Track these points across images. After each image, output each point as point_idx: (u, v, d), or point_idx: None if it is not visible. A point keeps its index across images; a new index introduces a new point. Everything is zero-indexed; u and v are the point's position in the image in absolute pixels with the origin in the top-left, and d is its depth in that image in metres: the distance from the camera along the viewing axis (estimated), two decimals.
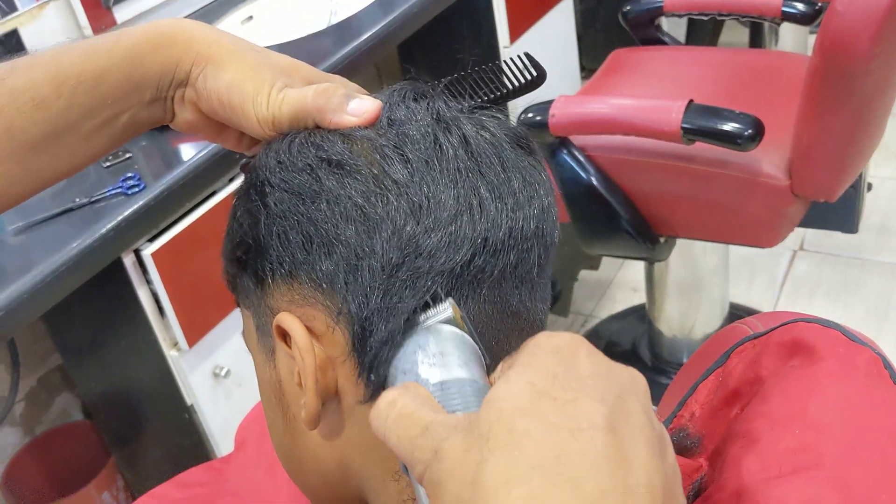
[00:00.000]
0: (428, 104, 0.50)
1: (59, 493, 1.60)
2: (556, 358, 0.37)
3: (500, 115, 0.52)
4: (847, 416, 0.49)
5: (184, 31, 0.53)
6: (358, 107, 0.50)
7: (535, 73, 0.56)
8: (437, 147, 0.47)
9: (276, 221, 0.48)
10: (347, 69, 1.51)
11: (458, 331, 0.44)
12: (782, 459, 0.47)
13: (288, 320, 0.47)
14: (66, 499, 1.58)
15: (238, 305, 0.55)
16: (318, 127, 0.51)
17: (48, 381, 1.72)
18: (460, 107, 0.51)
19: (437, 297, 0.46)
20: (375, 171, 0.47)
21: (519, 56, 0.56)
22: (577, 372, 0.36)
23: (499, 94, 0.55)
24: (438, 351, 0.43)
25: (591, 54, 2.60)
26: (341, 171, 0.47)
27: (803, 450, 0.47)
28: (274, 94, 0.51)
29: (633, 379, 0.38)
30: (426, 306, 0.45)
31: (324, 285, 0.47)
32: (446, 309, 0.45)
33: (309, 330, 0.47)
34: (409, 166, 0.47)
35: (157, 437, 1.53)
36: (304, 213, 0.47)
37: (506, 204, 0.47)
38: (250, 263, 0.50)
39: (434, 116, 0.49)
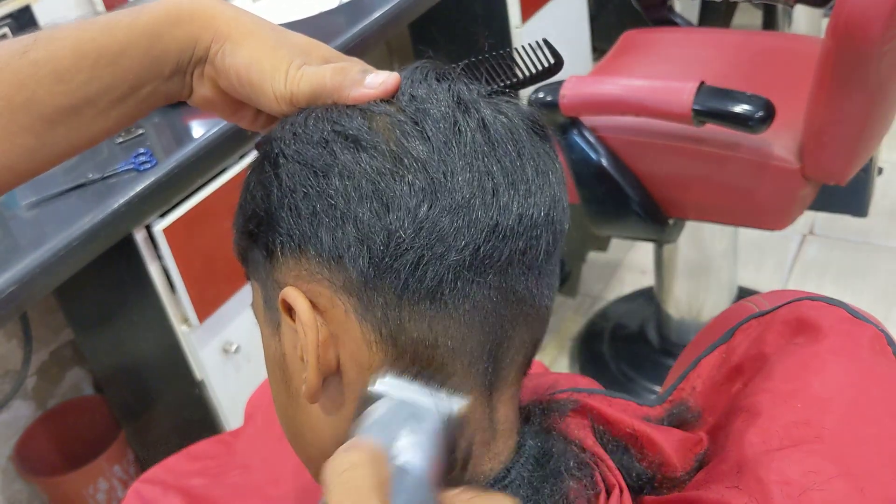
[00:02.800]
0: (449, 86, 0.49)
1: (70, 466, 1.61)
2: None
3: (517, 101, 0.51)
4: (849, 391, 0.49)
5: (203, 8, 0.53)
6: (375, 79, 0.50)
7: (552, 61, 0.55)
8: (457, 129, 0.47)
9: (287, 194, 0.48)
10: (358, 48, 1.51)
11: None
12: (783, 433, 0.48)
13: (293, 295, 0.48)
14: (77, 471, 1.59)
15: (248, 278, 0.55)
16: (336, 104, 0.51)
17: (60, 356, 1.74)
18: (479, 90, 0.51)
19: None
20: (394, 147, 0.47)
21: (537, 42, 0.55)
22: None
23: (515, 80, 0.55)
24: (427, 440, 0.42)
25: (603, 35, 2.59)
26: (357, 147, 0.47)
27: (805, 423, 0.48)
28: (292, 72, 0.51)
29: None
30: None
31: (331, 261, 0.47)
32: (452, 405, 0.45)
33: (314, 306, 0.48)
34: (429, 144, 0.47)
35: (167, 411, 1.54)
36: (315, 187, 0.47)
37: (518, 190, 0.47)
38: (261, 236, 0.50)
39: (455, 98, 0.49)
